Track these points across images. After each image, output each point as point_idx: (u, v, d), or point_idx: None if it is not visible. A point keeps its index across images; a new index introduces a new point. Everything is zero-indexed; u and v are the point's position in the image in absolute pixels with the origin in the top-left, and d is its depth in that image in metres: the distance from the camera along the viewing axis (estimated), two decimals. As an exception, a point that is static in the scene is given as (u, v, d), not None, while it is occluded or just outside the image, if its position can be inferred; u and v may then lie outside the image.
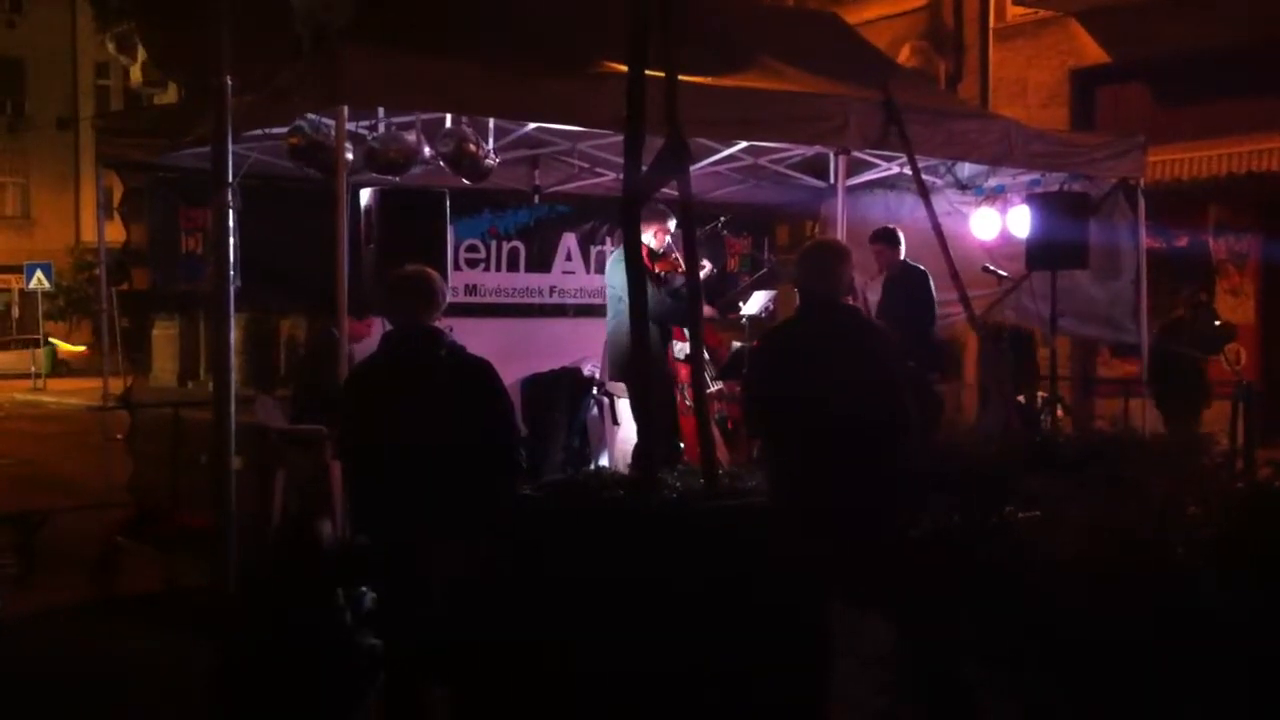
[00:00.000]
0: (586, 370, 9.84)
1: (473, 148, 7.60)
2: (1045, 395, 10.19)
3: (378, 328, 7.68)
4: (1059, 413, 10.08)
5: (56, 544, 8.65)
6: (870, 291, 9.46)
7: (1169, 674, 3.75)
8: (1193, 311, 11.58)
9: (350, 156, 7.05)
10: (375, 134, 7.51)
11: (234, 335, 5.82)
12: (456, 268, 9.58)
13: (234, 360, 5.79)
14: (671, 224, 8.55)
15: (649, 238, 8.37)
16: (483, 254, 10.38)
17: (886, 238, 9.35)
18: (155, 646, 6.66)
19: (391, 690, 4.89)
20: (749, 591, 4.97)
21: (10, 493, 12.25)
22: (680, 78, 5.90)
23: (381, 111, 7.49)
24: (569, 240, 10.80)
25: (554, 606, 5.12)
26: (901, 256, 9.35)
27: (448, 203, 7.48)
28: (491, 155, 7.81)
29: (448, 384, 4.92)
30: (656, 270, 8.48)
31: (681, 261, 8.04)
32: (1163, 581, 3.73)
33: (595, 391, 9.69)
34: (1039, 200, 9.78)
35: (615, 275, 8.23)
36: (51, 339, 37.02)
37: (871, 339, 5.41)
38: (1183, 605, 3.62)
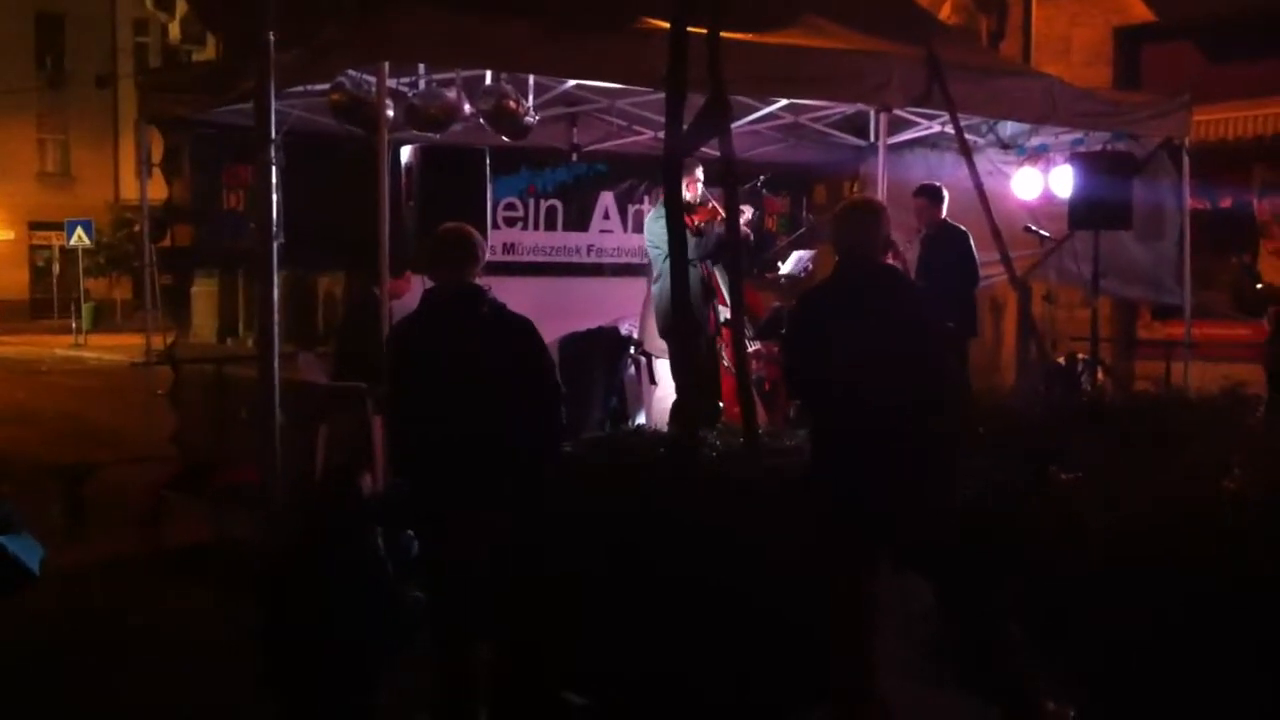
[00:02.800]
0: (624, 329, 9.84)
1: (512, 105, 7.60)
2: (1085, 357, 10.11)
3: (416, 285, 7.70)
4: (1100, 375, 10.00)
5: (102, 497, 8.76)
6: (909, 250, 9.40)
7: (1215, 633, 3.75)
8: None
9: (391, 114, 7.07)
10: (416, 91, 7.52)
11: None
12: (495, 226, 9.58)
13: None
14: (699, 173, 8.57)
15: (682, 189, 8.40)
16: (521, 212, 10.39)
17: (930, 193, 9.28)
18: (201, 598, 6.75)
19: (436, 643, 4.93)
20: (789, 549, 4.98)
21: (56, 446, 12.40)
22: (722, 35, 5.87)
23: (422, 69, 7.49)
24: (606, 199, 10.80)
25: (594, 561, 5.16)
26: (943, 215, 9.28)
27: (487, 160, 7.48)
28: (531, 113, 7.81)
29: (490, 341, 4.93)
30: (696, 222, 8.51)
31: (719, 208, 8.07)
32: (1210, 543, 3.71)
33: (633, 351, 9.70)
34: (1082, 160, 9.68)
35: (656, 232, 8.23)
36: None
37: (909, 298, 5.38)
38: (1231, 566, 3.61)
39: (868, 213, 5.31)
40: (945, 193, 9.29)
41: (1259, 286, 11.79)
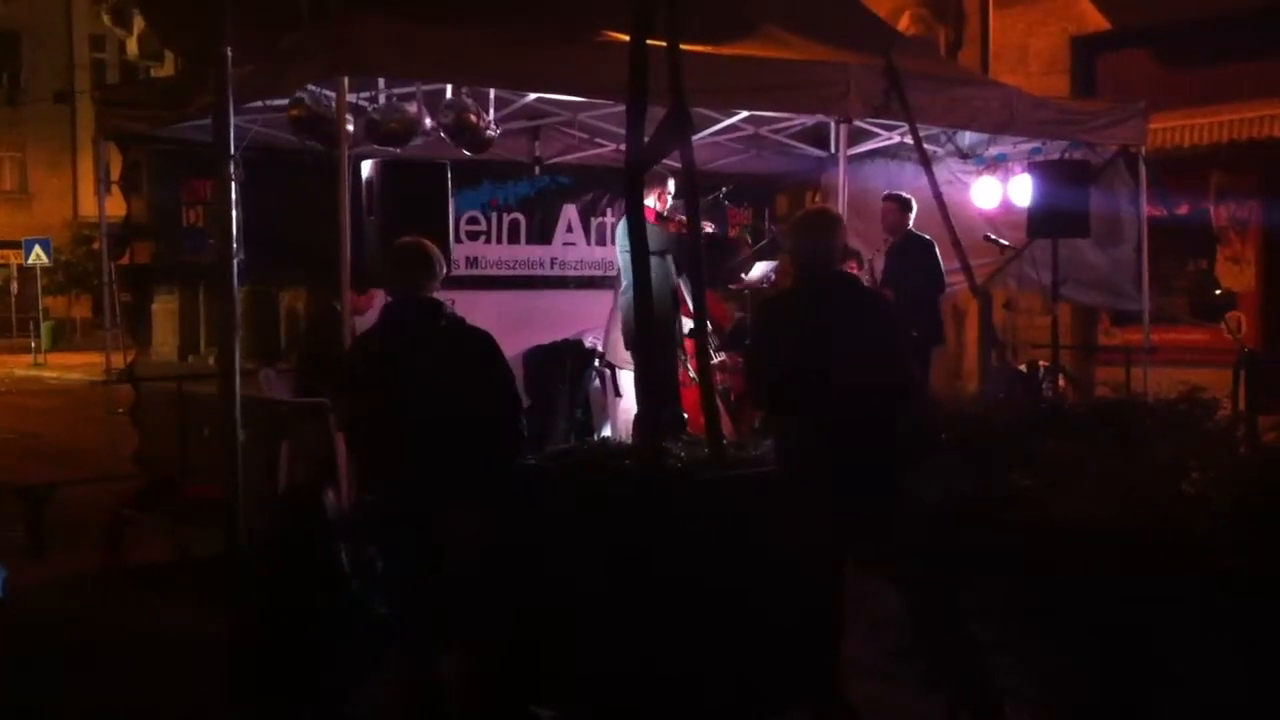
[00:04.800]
0: (588, 342, 9.85)
1: (473, 119, 7.60)
2: (1047, 364, 10.19)
3: (379, 300, 7.67)
4: (1062, 381, 10.09)
5: (64, 516, 8.69)
6: (875, 260, 9.49)
7: (1181, 637, 3.77)
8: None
9: (351, 128, 7.04)
10: (376, 105, 7.50)
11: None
12: (458, 240, 9.56)
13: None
14: (671, 185, 8.58)
15: (652, 201, 8.45)
16: (483, 226, 10.37)
17: (900, 200, 9.43)
18: (165, 614, 6.70)
19: (402, 655, 4.91)
20: (755, 556, 4.99)
21: (16, 465, 12.28)
22: (682, 46, 5.88)
23: (382, 83, 7.47)
24: (569, 212, 10.79)
25: (559, 573, 5.14)
26: (909, 224, 9.39)
27: (449, 174, 7.47)
28: (492, 126, 7.80)
29: (448, 354, 4.94)
30: (670, 231, 8.51)
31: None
32: (1174, 545, 3.75)
33: (597, 363, 9.71)
34: (1040, 168, 9.77)
35: (627, 242, 8.23)
36: None
37: (870, 305, 5.43)
38: (1196, 570, 3.65)
39: (825, 222, 5.36)
40: (914, 203, 9.38)
41: (1218, 292, 11.92)
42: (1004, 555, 4.10)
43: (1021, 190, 10.00)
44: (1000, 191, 10.46)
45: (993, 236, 10.15)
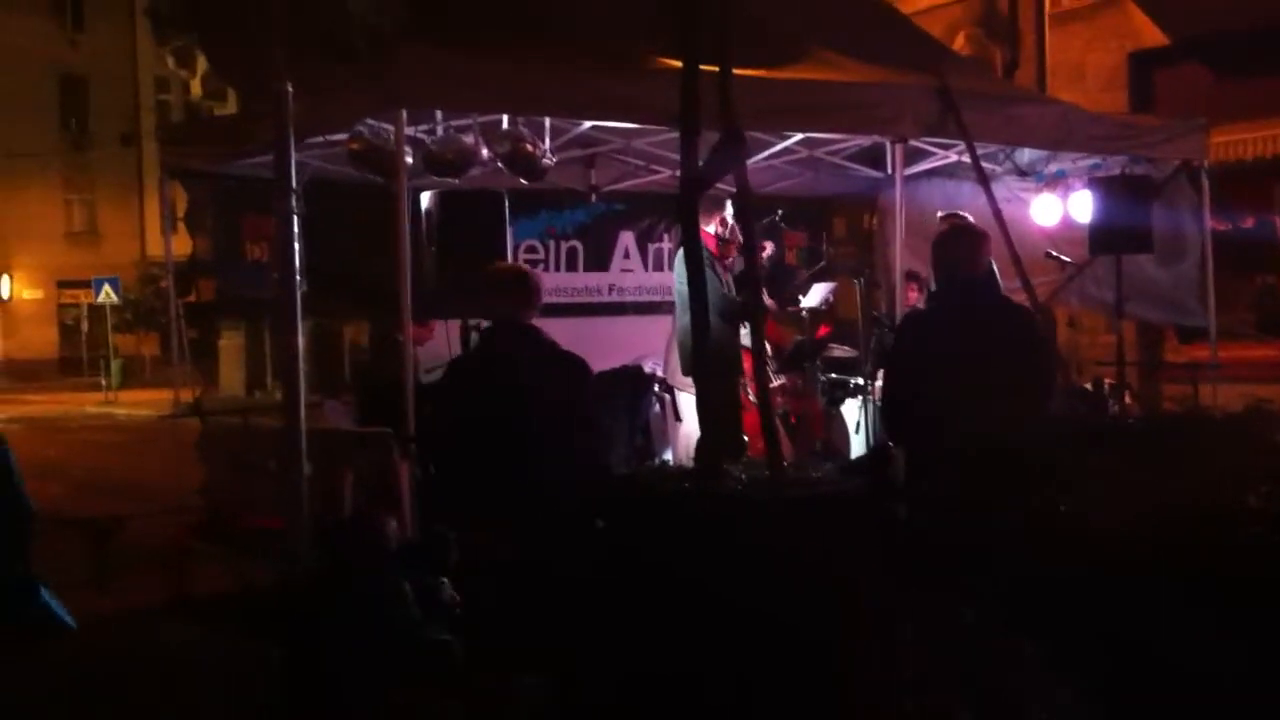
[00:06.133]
0: (648, 368, 9.85)
1: (529, 148, 7.65)
2: (1113, 382, 10.07)
3: (439, 330, 7.76)
4: (1127, 398, 9.96)
5: (130, 548, 8.78)
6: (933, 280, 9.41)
7: (1190, 640, 3.71)
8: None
9: (410, 160, 7.12)
10: (433, 137, 7.58)
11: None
12: (516, 268, 9.62)
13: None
14: (729, 209, 8.58)
15: (714, 227, 8.45)
16: (541, 254, 10.45)
17: (956, 218, 9.31)
18: (224, 644, 6.75)
19: (473, 681, 4.92)
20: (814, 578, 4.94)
21: (84, 499, 12.46)
22: (734, 71, 5.90)
23: (439, 115, 7.56)
24: (626, 238, 10.85)
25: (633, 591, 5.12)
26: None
27: (506, 203, 7.53)
28: (548, 155, 7.86)
29: (543, 378, 4.96)
30: (731, 256, 8.51)
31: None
32: (1230, 558, 3.69)
33: (657, 388, 9.71)
34: (1100, 184, 9.67)
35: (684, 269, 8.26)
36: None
37: (1020, 319, 5.38)
38: (1217, 573, 3.59)
39: (974, 238, 5.36)
40: (972, 221, 9.30)
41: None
42: (1051, 569, 4.05)
43: (1082, 207, 9.89)
44: (1060, 208, 10.35)
45: (1054, 254, 10.05)
